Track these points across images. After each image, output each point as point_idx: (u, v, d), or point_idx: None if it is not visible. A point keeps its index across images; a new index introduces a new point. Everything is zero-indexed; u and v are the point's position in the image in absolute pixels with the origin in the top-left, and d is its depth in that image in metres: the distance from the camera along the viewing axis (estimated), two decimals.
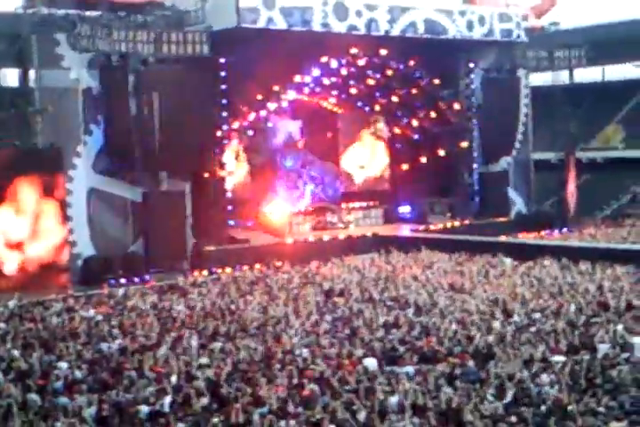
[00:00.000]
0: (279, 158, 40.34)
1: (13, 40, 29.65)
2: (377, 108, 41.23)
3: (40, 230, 28.78)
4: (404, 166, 41.83)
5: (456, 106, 39.39)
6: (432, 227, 37.73)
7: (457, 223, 38.58)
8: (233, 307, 22.19)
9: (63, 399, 14.45)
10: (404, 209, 41.23)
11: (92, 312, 22.23)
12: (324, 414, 13.09)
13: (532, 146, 42.58)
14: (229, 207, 33.73)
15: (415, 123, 40.51)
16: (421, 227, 37.73)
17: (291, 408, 13.59)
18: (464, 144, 39.57)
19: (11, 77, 30.72)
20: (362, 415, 13.19)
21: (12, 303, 23.25)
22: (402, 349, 17.28)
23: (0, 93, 29.62)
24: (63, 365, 16.47)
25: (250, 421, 13.12)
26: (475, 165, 40.11)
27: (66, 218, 29.38)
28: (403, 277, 26.03)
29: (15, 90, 30.45)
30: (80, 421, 13.25)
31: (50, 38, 29.70)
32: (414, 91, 39.14)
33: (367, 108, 41.43)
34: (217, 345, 17.88)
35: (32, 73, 30.44)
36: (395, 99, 39.93)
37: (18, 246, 28.57)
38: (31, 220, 28.68)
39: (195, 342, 18.28)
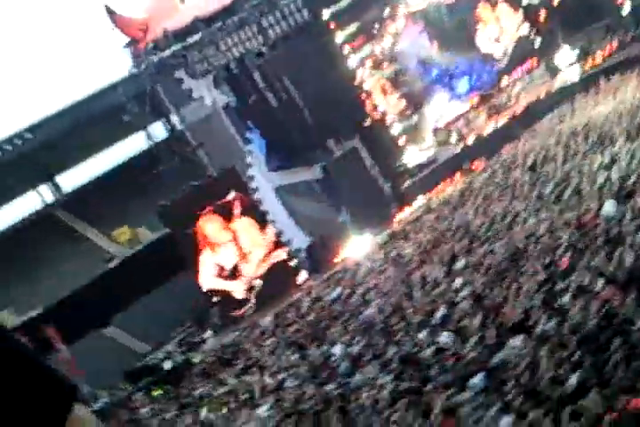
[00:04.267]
0: (422, 71, 39.24)
1: (142, 97, 30.62)
2: None
3: (248, 251, 29.06)
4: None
5: None
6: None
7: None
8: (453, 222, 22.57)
9: None
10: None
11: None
12: None
13: None
14: None
15: None
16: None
17: None
18: None
19: (159, 130, 32.04)
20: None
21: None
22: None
23: (159, 148, 30.86)
24: None
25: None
26: None
27: (266, 226, 29.45)
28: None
29: (168, 139, 31.73)
30: None
31: (171, 80, 30.21)
32: None
33: None
34: (461, 263, 18.27)
35: (173, 117, 31.73)
36: None
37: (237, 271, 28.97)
38: (236, 246, 28.93)
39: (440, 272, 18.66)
